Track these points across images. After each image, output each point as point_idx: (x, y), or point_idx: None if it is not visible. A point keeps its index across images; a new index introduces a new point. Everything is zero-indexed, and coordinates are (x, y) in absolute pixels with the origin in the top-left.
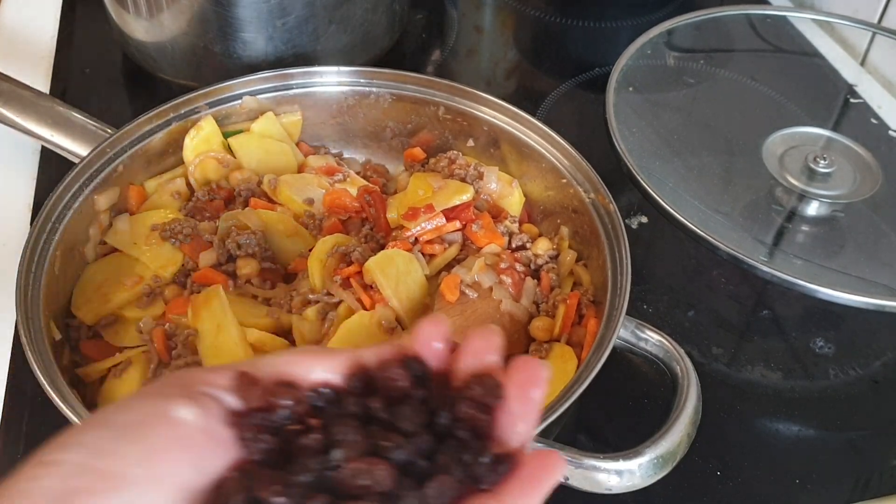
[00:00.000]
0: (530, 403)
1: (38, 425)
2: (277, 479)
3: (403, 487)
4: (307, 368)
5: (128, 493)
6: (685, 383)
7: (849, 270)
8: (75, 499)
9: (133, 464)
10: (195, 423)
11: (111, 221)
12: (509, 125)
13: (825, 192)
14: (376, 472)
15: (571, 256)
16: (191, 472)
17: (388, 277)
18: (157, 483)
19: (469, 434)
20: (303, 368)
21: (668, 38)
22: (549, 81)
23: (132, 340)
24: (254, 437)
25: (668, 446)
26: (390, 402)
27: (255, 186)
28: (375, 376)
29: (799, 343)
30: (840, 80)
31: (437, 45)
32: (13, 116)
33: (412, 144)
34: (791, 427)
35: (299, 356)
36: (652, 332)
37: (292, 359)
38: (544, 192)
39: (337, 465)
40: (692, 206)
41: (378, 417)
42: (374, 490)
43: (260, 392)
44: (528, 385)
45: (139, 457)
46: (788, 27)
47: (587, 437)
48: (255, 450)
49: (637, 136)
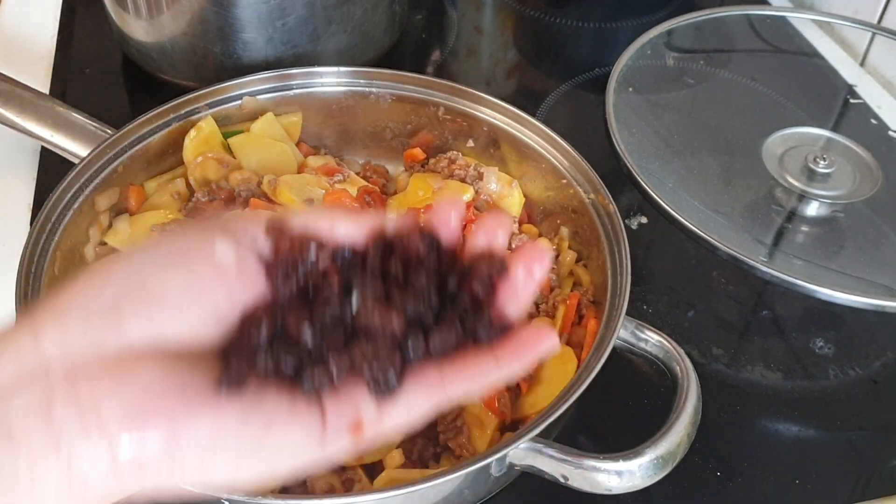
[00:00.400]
0: (531, 279)
1: None
2: (303, 315)
3: (411, 335)
4: (333, 226)
5: (168, 309)
6: (685, 384)
7: (849, 271)
8: (124, 306)
9: (175, 286)
10: (232, 258)
11: (111, 222)
12: (509, 126)
13: (825, 192)
14: (389, 318)
15: (571, 257)
16: (224, 300)
17: None
18: (195, 305)
19: (472, 301)
20: (328, 225)
21: (667, 39)
22: (548, 82)
23: None
24: (283, 278)
25: (668, 447)
26: (406, 266)
27: (254, 187)
28: (394, 241)
29: (799, 343)
30: (840, 80)
31: (436, 46)
32: (13, 117)
33: (412, 145)
34: (791, 427)
35: (327, 214)
36: (652, 333)
37: (320, 215)
38: (544, 193)
39: (356, 310)
40: (692, 206)
41: (394, 277)
42: (385, 334)
43: (289, 240)
44: (531, 262)
45: (181, 281)
46: (788, 27)
47: (587, 438)
48: (283, 290)
49: (637, 136)
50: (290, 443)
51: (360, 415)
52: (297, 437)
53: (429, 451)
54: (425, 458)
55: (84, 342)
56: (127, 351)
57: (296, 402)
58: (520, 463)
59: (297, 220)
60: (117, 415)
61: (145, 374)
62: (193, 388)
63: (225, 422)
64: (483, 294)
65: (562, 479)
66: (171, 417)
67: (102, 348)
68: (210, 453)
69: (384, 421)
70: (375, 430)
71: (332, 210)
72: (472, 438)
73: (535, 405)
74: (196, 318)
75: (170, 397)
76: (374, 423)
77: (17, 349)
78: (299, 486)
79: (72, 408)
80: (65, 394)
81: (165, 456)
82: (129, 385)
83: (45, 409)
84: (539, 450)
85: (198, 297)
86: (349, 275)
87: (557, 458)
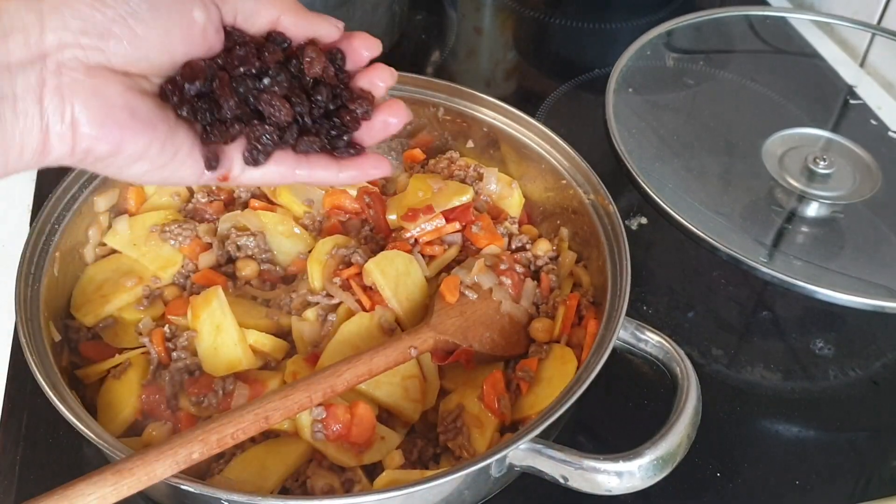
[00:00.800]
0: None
1: (37, 426)
2: (227, 84)
3: (288, 131)
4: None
5: (145, 48)
6: (685, 384)
7: (848, 271)
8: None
9: (157, 33)
10: (201, 23)
11: (110, 223)
12: (509, 126)
13: (825, 193)
14: (280, 110)
15: (571, 257)
16: (183, 52)
17: (387, 278)
18: (165, 51)
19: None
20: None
21: (667, 40)
22: (548, 82)
23: (131, 342)
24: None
25: (668, 447)
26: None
27: (254, 188)
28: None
29: (799, 344)
30: (839, 81)
31: (436, 46)
32: None
33: (412, 145)
34: (791, 428)
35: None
36: (652, 334)
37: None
38: (544, 194)
39: (262, 90)
40: (692, 207)
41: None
42: (273, 121)
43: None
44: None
45: (162, 29)
46: (788, 28)
47: (587, 439)
48: (228, 58)
49: (637, 137)
50: (181, 171)
51: (230, 172)
52: (188, 169)
53: (429, 451)
54: (425, 458)
55: (76, 49)
56: (105, 67)
57: (195, 146)
58: (519, 464)
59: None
60: (86, 118)
61: (113, 92)
62: (142, 113)
63: (153, 142)
64: (350, 123)
65: (562, 480)
66: (122, 130)
67: (88, 60)
68: (135, 160)
69: (244, 179)
70: (237, 182)
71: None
72: (471, 439)
73: (535, 406)
74: (162, 60)
75: (126, 115)
76: (236, 179)
77: (26, 34)
78: (299, 486)
79: (55, 99)
80: (53, 86)
81: (109, 155)
82: (99, 98)
83: (38, 94)
84: (539, 450)
85: (169, 45)
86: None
87: (557, 459)
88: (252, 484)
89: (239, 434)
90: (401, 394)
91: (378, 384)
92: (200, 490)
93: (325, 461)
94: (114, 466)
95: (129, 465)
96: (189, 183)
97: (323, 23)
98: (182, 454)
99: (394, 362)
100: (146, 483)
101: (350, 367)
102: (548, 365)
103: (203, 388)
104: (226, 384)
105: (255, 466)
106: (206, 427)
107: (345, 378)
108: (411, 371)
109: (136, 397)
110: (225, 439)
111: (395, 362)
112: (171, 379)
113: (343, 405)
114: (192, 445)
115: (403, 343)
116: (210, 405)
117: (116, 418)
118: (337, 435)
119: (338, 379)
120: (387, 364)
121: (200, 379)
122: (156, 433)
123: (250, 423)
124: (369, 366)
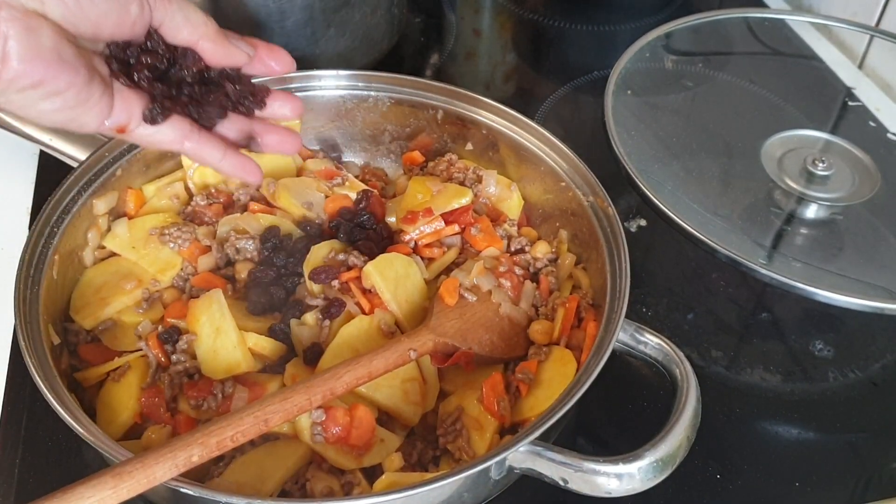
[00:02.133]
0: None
1: (36, 429)
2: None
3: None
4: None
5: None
6: (685, 386)
7: (847, 273)
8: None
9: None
10: (134, 16)
11: (110, 225)
12: (508, 128)
13: (824, 194)
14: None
15: (570, 259)
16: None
17: (387, 281)
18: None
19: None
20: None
21: (666, 42)
22: (547, 85)
23: (131, 345)
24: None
25: (668, 449)
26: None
27: (253, 190)
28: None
29: (798, 345)
30: (838, 82)
31: (435, 49)
32: (12, 120)
33: (411, 148)
34: (791, 429)
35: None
36: (651, 335)
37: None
38: (543, 196)
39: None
40: (691, 209)
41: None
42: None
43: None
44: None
45: (101, 4)
46: (786, 30)
47: (587, 441)
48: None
49: (635, 139)
50: (86, 116)
51: (129, 125)
52: (92, 117)
53: (428, 454)
54: (425, 461)
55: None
56: (41, 15)
57: (105, 96)
58: (519, 466)
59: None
60: (17, 52)
61: (45, 35)
62: (68, 56)
63: (73, 85)
64: (237, 101)
65: (561, 482)
66: (47, 68)
67: (27, 4)
68: (51, 95)
69: (136, 134)
70: (130, 137)
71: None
72: (471, 441)
73: (535, 408)
74: (89, 33)
75: (53, 56)
76: (131, 132)
77: None
78: (299, 489)
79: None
80: None
81: (30, 87)
82: (32, 36)
83: None
84: (538, 453)
85: (101, 24)
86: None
87: (557, 461)
88: (251, 486)
89: (238, 437)
90: (400, 396)
91: (378, 387)
92: (200, 493)
93: (324, 464)
94: (113, 469)
95: (129, 468)
96: (88, 129)
97: (236, 52)
98: (181, 457)
99: (393, 365)
100: (145, 486)
101: (349, 370)
102: (547, 367)
103: (202, 391)
104: (225, 387)
105: (254, 469)
106: (205, 430)
107: (344, 381)
108: (411, 373)
109: (135, 400)
110: (224, 442)
111: (395, 365)
112: (171, 382)
113: (343, 408)
114: (191, 448)
115: (403, 345)
116: (209, 408)
117: (116, 421)
118: (336, 437)
119: (337, 381)
120: (386, 366)
121: (200, 382)
122: (155, 436)
123: (250, 426)
124: (369, 368)
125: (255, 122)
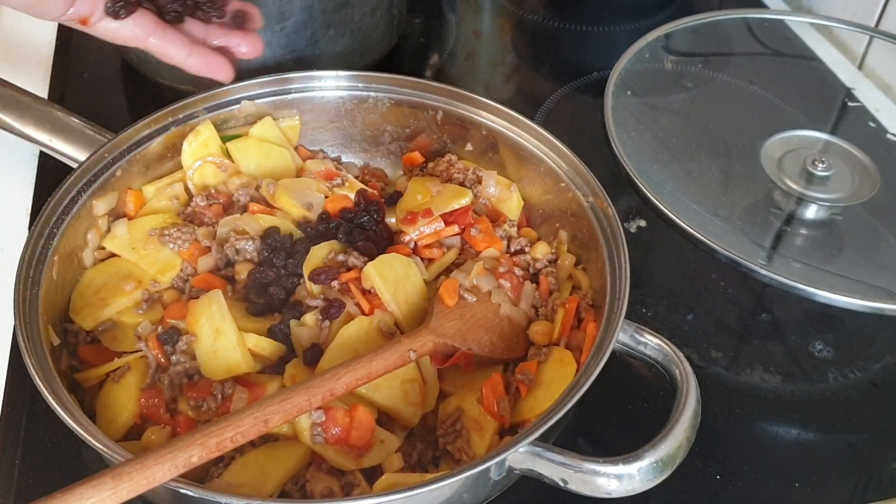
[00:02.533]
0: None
1: (35, 430)
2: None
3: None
4: None
5: None
6: (684, 387)
7: (847, 273)
8: None
9: None
10: None
11: (109, 226)
12: (507, 129)
13: (823, 195)
14: None
15: (570, 260)
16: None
17: (386, 282)
18: None
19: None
20: None
21: (665, 42)
22: (547, 85)
23: (130, 346)
24: None
25: (668, 450)
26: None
27: (253, 191)
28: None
29: (798, 346)
30: (838, 83)
31: (435, 50)
32: (11, 121)
33: (410, 149)
34: (790, 430)
35: None
36: (651, 336)
37: None
38: (543, 196)
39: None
40: (691, 209)
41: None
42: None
43: None
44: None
45: None
46: (786, 31)
47: (586, 441)
48: None
49: (635, 139)
50: (50, 3)
51: (91, 17)
52: (56, 5)
53: (428, 455)
54: (424, 462)
55: None
56: None
57: None
58: (519, 467)
59: None
60: None
61: None
62: None
63: None
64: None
65: (561, 483)
66: None
67: None
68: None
69: (99, 28)
70: (92, 30)
71: None
72: (471, 442)
73: (535, 408)
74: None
75: None
76: (93, 25)
77: None
78: (298, 490)
79: None
80: None
81: None
82: None
83: None
84: (538, 453)
85: None
86: None
87: (557, 462)
88: (251, 487)
89: (238, 437)
90: (400, 397)
91: (377, 387)
92: (199, 494)
93: (324, 464)
94: (112, 470)
95: (128, 469)
96: (51, 16)
97: None
98: (181, 458)
99: (393, 365)
100: (145, 487)
101: (349, 371)
102: (547, 368)
103: (202, 392)
104: (225, 388)
105: (254, 470)
106: (205, 431)
107: (344, 381)
108: (410, 374)
109: (135, 401)
110: (224, 443)
111: (395, 365)
112: (170, 383)
113: (342, 408)
114: (191, 449)
115: (403, 346)
116: (209, 409)
117: (115, 422)
118: (336, 438)
119: (337, 382)
120: (386, 367)
121: (199, 383)
122: (155, 437)
123: (249, 427)
124: (368, 369)
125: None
